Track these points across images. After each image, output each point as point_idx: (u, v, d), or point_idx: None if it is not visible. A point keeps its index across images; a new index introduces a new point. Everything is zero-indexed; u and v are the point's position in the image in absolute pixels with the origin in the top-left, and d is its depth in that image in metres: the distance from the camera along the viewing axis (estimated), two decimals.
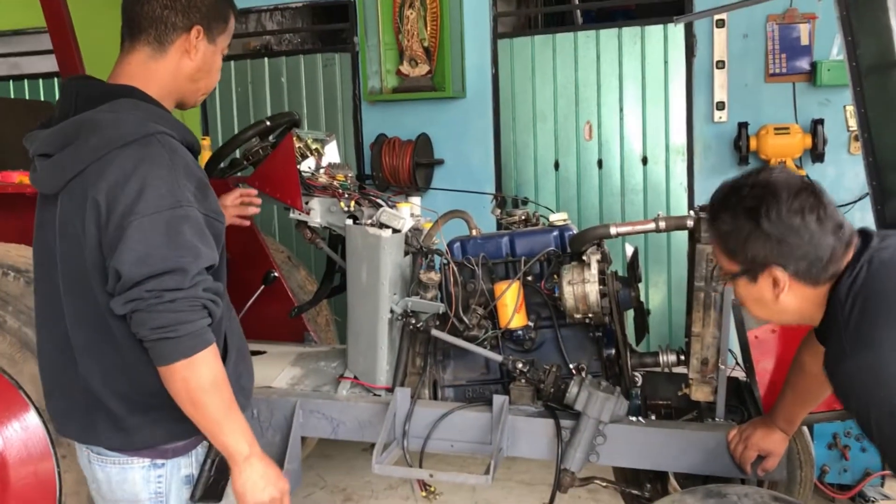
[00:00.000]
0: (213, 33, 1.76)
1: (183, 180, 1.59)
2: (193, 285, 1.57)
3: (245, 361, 1.93)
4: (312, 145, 2.99)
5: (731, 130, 4.42)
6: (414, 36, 4.83)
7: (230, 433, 1.65)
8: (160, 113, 1.69)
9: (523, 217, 2.98)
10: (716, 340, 2.44)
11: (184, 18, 1.71)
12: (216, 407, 1.62)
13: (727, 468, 2.40)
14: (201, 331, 1.58)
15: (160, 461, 1.74)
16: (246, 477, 1.68)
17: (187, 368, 1.58)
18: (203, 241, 1.60)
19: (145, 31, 1.71)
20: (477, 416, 2.58)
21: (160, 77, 1.73)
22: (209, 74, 1.80)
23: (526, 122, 4.92)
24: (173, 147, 1.62)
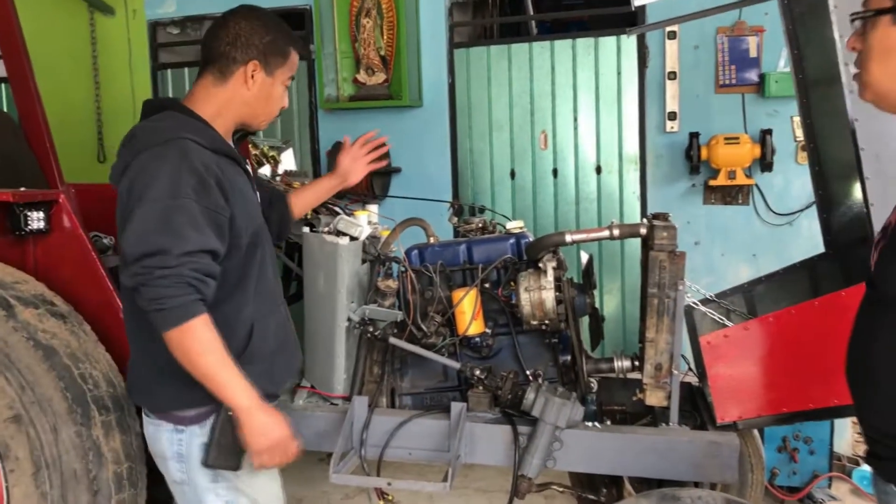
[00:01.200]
0: (270, 67, 2.05)
1: (186, 177, 1.84)
2: (179, 265, 1.79)
3: (285, 354, 2.17)
4: (269, 153, 2.99)
5: (683, 140, 4.49)
6: (370, 44, 4.83)
7: (227, 389, 1.87)
8: (193, 123, 1.97)
9: (480, 225, 3.00)
10: (669, 346, 2.48)
11: (242, 54, 2.01)
12: (209, 367, 1.84)
13: (681, 472, 2.44)
14: (187, 304, 1.81)
15: (181, 427, 2.00)
16: (247, 426, 1.90)
17: (179, 335, 1.81)
18: (195, 229, 1.83)
19: (212, 63, 2.02)
20: (435, 424, 2.58)
21: (218, 101, 2.03)
22: (268, 102, 2.10)
23: (482, 131, 4.95)
24: (187, 149, 1.87)
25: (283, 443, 1.98)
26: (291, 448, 2.01)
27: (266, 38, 2.04)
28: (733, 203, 4.53)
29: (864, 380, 1.69)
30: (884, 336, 1.62)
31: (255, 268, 2.05)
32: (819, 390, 2.34)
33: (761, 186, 4.45)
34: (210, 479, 2.03)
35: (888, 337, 1.61)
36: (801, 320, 2.39)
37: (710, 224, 4.58)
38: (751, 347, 2.45)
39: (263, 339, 2.06)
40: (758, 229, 4.50)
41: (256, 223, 2.07)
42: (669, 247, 2.46)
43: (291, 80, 2.16)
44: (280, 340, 2.15)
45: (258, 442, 1.93)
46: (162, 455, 2.05)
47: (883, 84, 1.57)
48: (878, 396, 1.64)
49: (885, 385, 1.62)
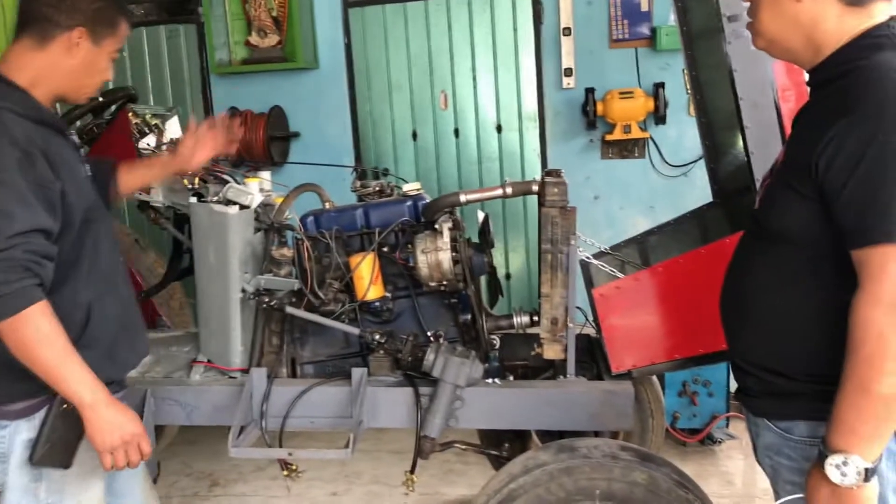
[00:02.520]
0: (97, 36, 1.88)
1: (8, 149, 1.69)
2: (10, 247, 1.66)
3: (127, 336, 2.04)
4: (152, 121, 2.87)
5: (580, 96, 4.52)
6: (261, 5, 4.67)
7: (70, 382, 1.73)
8: (10, 91, 1.80)
9: (378, 188, 2.96)
10: (564, 300, 2.51)
11: (67, 19, 1.84)
12: (50, 359, 1.71)
13: (579, 422, 2.50)
14: (23, 290, 1.67)
15: (4, 422, 1.83)
16: (92, 423, 1.77)
17: (15, 324, 1.67)
18: (23, 206, 1.68)
19: (30, 25, 1.85)
20: (336, 391, 2.56)
21: (35, 67, 1.85)
22: (91, 74, 1.93)
23: (382, 92, 4.87)
24: (6, 119, 1.72)
25: (135, 440, 1.84)
26: (144, 445, 1.87)
27: (95, 5, 1.88)
28: (630, 157, 4.61)
29: (735, 313, 1.76)
30: (758, 269, 1.68)
31: (89, 246, 1.92)
32: (708, 335, 2.41)
33: (656, 139, 4.54)
34: (31, 479, 1.86)
35: (762, 270, 1.67)
36: (688, 268, 2.45)
37: (608, 178, 4.65)
38: (642, 297, 2.51)
39: (102, 322, 1.94)
40: (654, 182, 4.60)
41: (89, 199, 1.93)
42: (561, 202, 2.48)
43: (119, 53, 2.02)
44: (121, 322, 2.02)
45: (107, 440, 1.79)
46: None
47: (772, 30, 1.64)
48: (748, 328, 1.71)
49: (755, 316, 1.69)
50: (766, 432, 1.70)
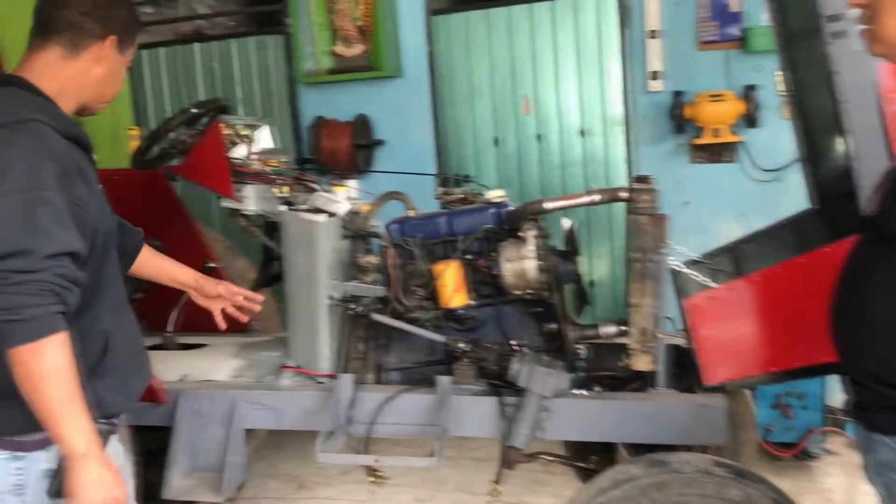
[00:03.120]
0: (123, 45, 1.83)
1: (47, 164, 1.60)
2: (43, 269, 1.55)
3: (137, 364, 1.94)
4: (242, 132, 2.93)
5: (667, 99, 4.43)
6: (347, 15, 4.74)
7: (68, 427, 1.60)
8: (41, 103, 1.71)
9: (461, 196, 2.95)
10: (653, 310, 2.46)
11: (100, 28, 1.77)
12: (57, 398, 1.58)
13: (670, 436, 2.43)
14: (48, 316, 1.56)
15: (20, 454, 1.71)
16: (80, 477, 1.63)
17: (30, 354, 1.55)
18: (61, 227, 1.59)
19: (60, 33, 1.76)
20: (421, 399, 2.57)
21: (64, 77, 1.77)
22: (114, 84, 1.86)
23: (463, 98, 4.88)
24: (42, 133, 1.63)
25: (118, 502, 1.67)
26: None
27: (124, 14, 1.82)
28: (720, 161, 4.48)
29: (851, 324, 1.67)
30: (880, 275, 1.60)
31: (109, 272, 1.81)
32: (806, 348, 2.31)
33: (748, 143, 4.40)
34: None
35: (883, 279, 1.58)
36: (786, 278, 2.36)
37: (698, 183, 4.53)
38: (736, 308, 2.42)
39: (117, 351, 1.83)
40: (746, 187, 4.46)
41: (108, 222, 1.82)
42: (651, 210, 2.43)
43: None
44: (131, 351, 1.91)
45: (90, 497, 1.63)
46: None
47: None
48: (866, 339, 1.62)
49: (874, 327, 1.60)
50: (882, 448, 1.61)
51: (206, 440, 2.69)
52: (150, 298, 3.50)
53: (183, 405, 2.70)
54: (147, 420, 2.73)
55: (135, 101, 5.40)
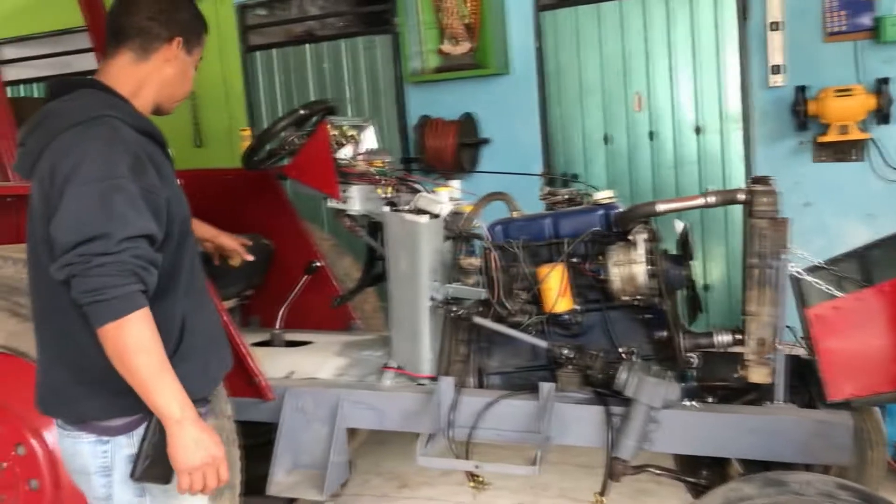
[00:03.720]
0: (190, 45, 1.94)
1: (120, 155, 1.70)
2: (121, 251, 1.64)
3: (217, 350, 2.02)
4: (349, 132, 2.94)
5: (789, 95, 4.21)
6: (454, 13, 4.72)
7: (161, 395, 1.69)
8: (115, 102, 1.83)
9: (567, 196, 2.87)
10: (772, 319, 2.31)
11: (166, 30, 1.89)
12: (146, 369, 1.67)
13: (788, 454, 2.28)
14: (130, 295, 1.65)
15: (105, 438, 1.82)
16: (177, 440, 1.72)
17: (117, 330, 1.65)
18: (136, 211, 1.69)
19: (131, 39, 1.88)
20: (523, 405, 2.51)
21: (137, 79, 1.90)
22: (183, 83, 1.98)
23: (573, 96, 4.78)
24: (116, 127, 1.74)
25: (216, 463, 1.76)
26: (223, 471, 1.78)
27: (187, 15, 1.93)
28: (846, 160, 4.22)
29: None
30: None
31: (187, 258, 1.90)
32: None
33: (878, 140, 4.13)
34: (135, 493, 1.85)
35: None
36: None
37: (821, 183, 4.29)
38: (865, 319, 2.25)
39: (196, 336, 1.90)
40: (874, 187, 4.19)
41: (185, 211, 1.91)
42: (770, 213, 2.28)
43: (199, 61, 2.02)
44: (212, 336, 1.99)
45: (189, 459, 1.72)
46: (84, 470, 1.85)
47: None
48: None
49: None
50: None
51: (309, 438, 2.72)
52: (261, 296, 3.60)
53: (288, 402, 2.74)
54: (253, 416, 2.79)
55: (249, 102, 5.56)
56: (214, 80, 5.54)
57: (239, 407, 2.68)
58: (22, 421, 2.51)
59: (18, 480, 2.53)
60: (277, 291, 3.41)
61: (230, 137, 5.47)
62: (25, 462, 2.51)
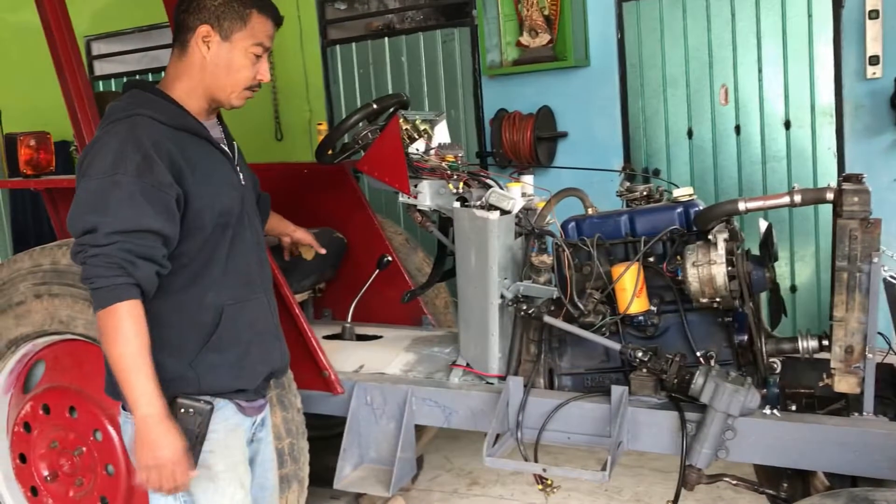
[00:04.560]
0: (226, 31, 1.91)
1: (129, 152, 1.77)
2: (109, 244, 1.72)
3: (262, 344, 2.03)
4: (421, 126, 2.91)
5: (888, 87, 3.97)
6: (534, 5, 4.64)
7: (132, 388, 1.75)
8: (154, 101, 1.89)
9: (645, 193, 2.77)
10: (862, 326, 2.18)
11: (193, 19, 1.90)
12: (122, 359, 1.74)
13: (876, 469, 2.15)
14: (114, 287, 1.72)
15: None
16: (139, 434, 1.77)
17: (103, 318, 1.75)
18: (132, 207, 1.74)
19: (175, 36, 1.95)
20: (594, 408, 2.44)
21: (184, 75, 1.94)
22: (229, 72, 1.93)
23: (655, 88, 4.64)
24: (137, 124, 1.81)
25: (168, 466, 1.77)
26: (178, 475, 1.79)
27: (219, 1, 1.90)
28: None
29: None
30: None
31: (223, 249, 1.93)
32: None
33: None
34: None
35: None
36: None
37: None
38: None
39: (235, 328, 1.94)
40: None
41: (226, 204, 1.93)
42: (861, 213, 2.15)
43: (264, 49, 1.97)
44: (256, 331, 2.01)
45: (142, 456, 1.77)
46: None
47: None
48: None
49: None
50: None
51: (377, 433, 2.71)
52: (334, 289, 3.62)
53: (357, 397, 2.74)
54: (322, 409, 2.80)
55: (328, 96, 5.61)
56: (295, 75, 5.61)
57: (308, 400, 2.71)
58: (99, 407, 2.58)
59: (96, 464, 2.61)
60: (350, 285, 3.42)
61: (310, 131, 5.53)
62: (102, 447, 2.59)
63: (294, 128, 5.78)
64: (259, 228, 2.14)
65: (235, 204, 1.97)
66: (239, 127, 2.89)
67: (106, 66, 6.75)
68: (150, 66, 6.34)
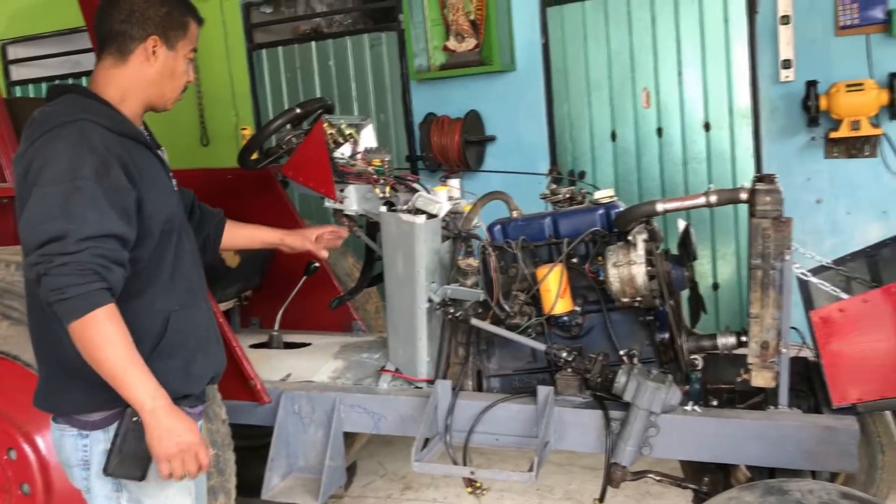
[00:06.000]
0: (171, 40, 1.95)
1: (84, 157, 1.73)
2: (80, 250, 1.68)
3: (205, 349, 2.02)
4: (346, 130, 2.89)
5: (800, 90, 4.12)
6: (459, 10, 4.67)
7: (131, 386, 1.73)
8: (94, 106, 1.86)
9: (568, 195, 2.81)
10: (776, 322, 2.25)
11: (140, 30, 1.90)
12: (115, 362, 1.71)
13: (791, 460, 2.22)
14: (90, 293, 1.68)
15: (84, 432, 1.87)
16: (151, 429, 1.75)
17: (82, 327, 1.69)
18: (97, 212, 1.71)
19: (109, 44, 1.92)
20: (521, 409, 2.46)
21: (120, 82, 1.92)
22: (173, 79, 1.98)
23: (579, 92, 4.71)
24: (85, 129, 1.77)
25: (192, 449, 1.78)
26: (202, 456, 1.81)
27: (162, 10, 1.92)
28: (859, 156, 4.13)
29: None
30: None
31: (169, 256, 1.93)
32: None
33: (891, 136, 4.04)
34: (112, 488, 1.89)
35: None
36: None
37: (833, 180, 4.21)
38: (872, 322, 2.18)
39: (180, 334, 1.93)
40: (888, 183, 4.10)
41: (169, 210, 1.94)
42: (774, 213, 2.22)
43: (194, 52, 2.02)
44: (200, 337, 2.01)
45: (164, 447, 1.75)
46: (67, 462, 1.93)
47: None
48: None
49: None
50: None
51: (305, 442, 2.68)
52: (261, 297, 3.57)
53: (284, 406, 2.70)
54: (249, 419, 2.75)
55: (255, 100, 5.53)
56: (220, 79, 5.52)
57: (234, 410, 2.66)
58: (13, 425, 2.49)
59: (11, 484, 2.51)
60: (278, 293, 3.37)
61: (236, 136, 5.45)
62: (17, 466, 2.49)
63: (220, 133, 5.68)
64: (192, 235, 2.12)
65: (175, 211, 1.98)
66: (165, 132, 2.83)
67: (23, 70, 6.54)
68: (72, 70, 6.16)
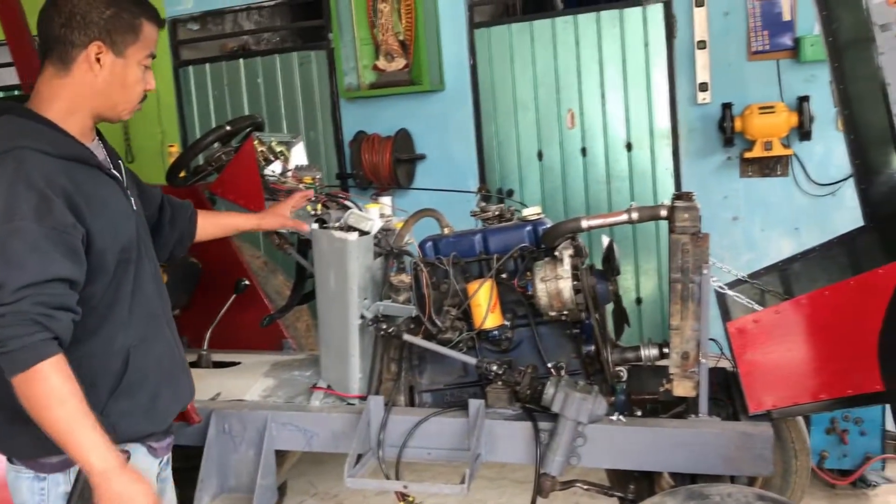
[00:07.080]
0: (118, 46, 1.74)
1: (21, 195, 1.58)
2: (18, 300, 1.54)
3: (170, 382, 1.92)
4: (277, 148, 2.91)
5: (716, 112, 4.29)
6: (389, 30, 4.72)
7: (79, 447, 1.61)
8: (34, 128, 1.68)
9: (497, 213, 2.88)
10: (695, 333, 2.35)
11: (81, 35, 1.71)
12: (62, 420, 1.58)
13: (712, 466, 2.31)
14: (33, 345, 1.55)
15: (42, 475, 1.76)
16: (102, 492, 1.63)
17: (25, 382, 1.57)
18: (38, 256, 1.57)
19: (50, 50, 1.73)
20: (453, 422, 2.50)
21: (65, 95, 1.73)
22: (124, 87, 1.77)
23: (507, 112, 4.81)
24: (23, 160, 1.61)
25: None
26: None
27: (107, 13, 1.71)
28: (772, 175, 4.33)
29: None
30: None
31: (127, 286, 1.78)
32: (858, 376, 2.19)
33: (801, 156, 4.24)
34: None
35: None
36: (836, 301, 2.23)
37: (748, 198, 4.38)
38: (783, 332, 2.30)
39: (143, 369, 1.81)
40: (799, 201, 4.30)
41: (126, 237, 1.78)
42: (692, 229, 2.32)
43: (152, 57, 1.81)
44: (164, 370, 1.89)
45: None
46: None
47: None
48: None
49: None
50: None
51: (236, 461, 2.67)
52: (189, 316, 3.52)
53: (214, 425, 2.68)
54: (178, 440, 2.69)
55: (181, 117, 5.46)
56: None
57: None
58: None
59: None
60: (206, 311, 3.34)
61: (161, 153, 5.35)
62: None
63: (145, 150, 5.58)
64: (154, 256, 1.97)
65: (133, 236, 1.82)
66: None
67: None
68: None
